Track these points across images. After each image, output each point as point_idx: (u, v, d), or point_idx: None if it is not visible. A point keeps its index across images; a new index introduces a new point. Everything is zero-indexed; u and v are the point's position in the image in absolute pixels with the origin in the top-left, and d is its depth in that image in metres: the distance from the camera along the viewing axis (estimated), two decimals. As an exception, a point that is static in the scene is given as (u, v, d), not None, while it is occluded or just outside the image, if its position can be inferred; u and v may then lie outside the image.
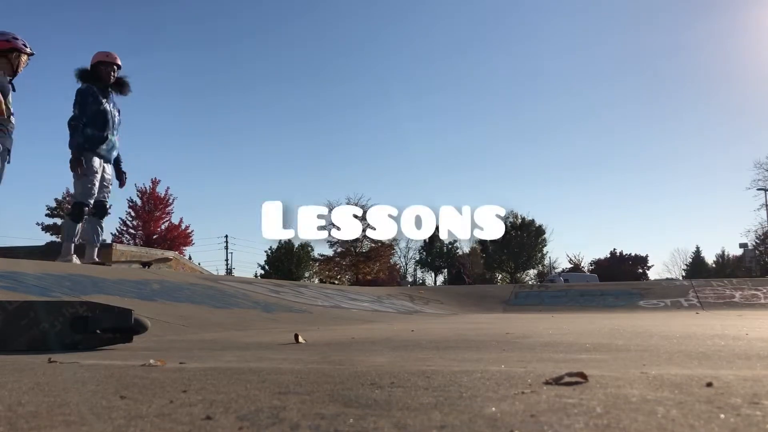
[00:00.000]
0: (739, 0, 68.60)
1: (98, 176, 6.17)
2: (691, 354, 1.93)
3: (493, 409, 0.93)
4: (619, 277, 43.41)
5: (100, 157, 6.17)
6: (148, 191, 36.95)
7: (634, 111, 71.81)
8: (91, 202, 6.16)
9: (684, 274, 57.45)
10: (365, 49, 73.58)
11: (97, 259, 6.46)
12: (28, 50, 5.54)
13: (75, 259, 6.16)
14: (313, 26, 72.39)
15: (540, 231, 51.67)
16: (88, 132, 6.05)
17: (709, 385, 1.13)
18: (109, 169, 6.35)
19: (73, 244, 6.23)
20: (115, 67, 6.28)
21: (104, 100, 6.18)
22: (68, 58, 63.99)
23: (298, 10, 71.59)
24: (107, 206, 6.47)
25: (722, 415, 0.87)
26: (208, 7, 69.39)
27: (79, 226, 6.27)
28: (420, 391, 1.11)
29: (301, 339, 2.73)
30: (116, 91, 6.37)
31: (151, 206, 36.81)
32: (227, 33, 71.00)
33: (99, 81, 6.19)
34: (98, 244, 6.57)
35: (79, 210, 6.21)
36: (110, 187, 6.46)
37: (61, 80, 58.46)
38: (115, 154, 6.37)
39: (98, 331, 2.37)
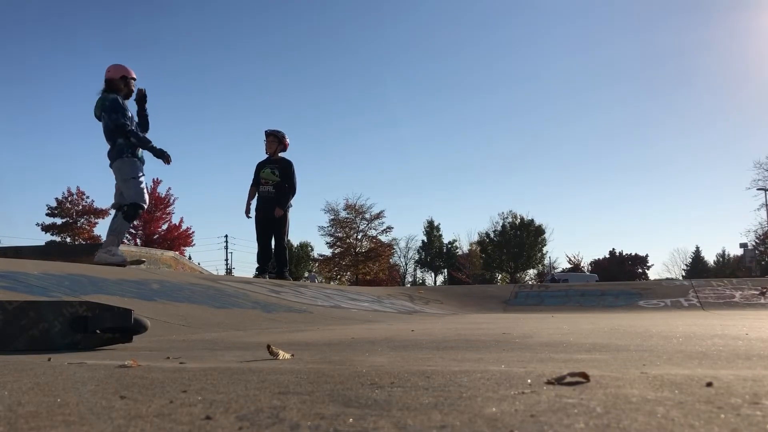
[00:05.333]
0: (739, 2, 68.64)
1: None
2: (692, 354, 1.93)
3: (493, 409, 0.93)
4: (619, 277, 43.45)
5: (142, 162, 6.68)
6: (149, 191, 36.93)
7: (634, 111, 71.83)
8: (145, 205, 6.62)
9: (684, 274, 57.50)
10: (365, 50, 73.55)
11: (142, 262, 7.09)
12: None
13: (122, 257, 6.57)
14: (313, 28, 72.38)
15: (540, 231, 51.65)
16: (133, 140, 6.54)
17: (710, 385, 1.13)
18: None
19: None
20: (134, 80, 6.81)
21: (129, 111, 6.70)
22: (67, 59, 64.01)
23: (298, 12, 71.58)
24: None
25: (722, 415, 0.87)
26: (209, 11, 69.41)
27: (128, 225, 6.73)
28: (420, 391, 1.11)
29: (282, 355, 1.92)
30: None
31: (151, 206, 36.84)
32: (227, 34, 71.03)
33: (127, 94, 6.69)
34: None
35: (134, 211, 6.60)
36: None
37: (61, 81, 58.42)
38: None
39: (98, 331, 2.37)
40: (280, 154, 9.10)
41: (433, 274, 58.07)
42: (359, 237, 45.52)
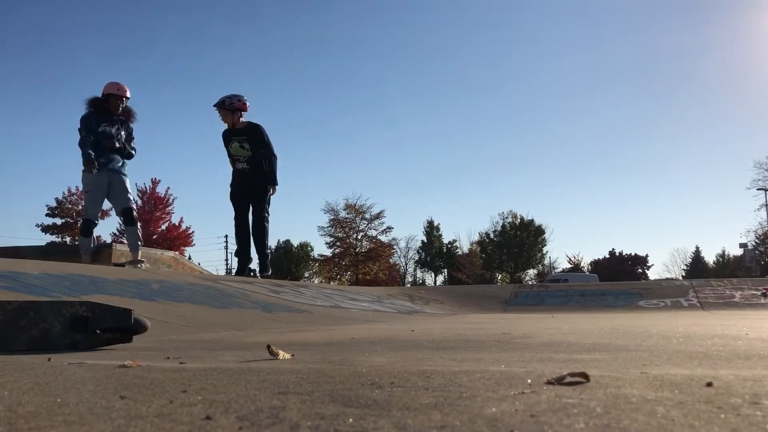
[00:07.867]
0: (739, 2, 68.70)
1: (103, 192, 6.87)
2: (691, 354, 1.93)
3: (493, 409, 0.93)
4: (619, 277, 43.40)
5: (108, 170, 6.86)
6: (149, 191, 36.95)
7: (634, 111, 71.86)
8: (97, 221, 7.01)
9: (684, 274, 57.50)
10: (365, 49, 73.61)
11: (141, 262, 7.07)
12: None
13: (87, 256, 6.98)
14: (313, 27, 72.41)
15: (540, 231, 51.65)
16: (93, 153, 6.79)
17: (709, 385, 1.13)
18: (124, 179, 7.02)
19: (89, 256, 6.96)
20: (124, 99, 7.03)
21: (104, 124, 6.88)
22: (67, 60, 64.09)
23: (298, 11, 71.62)
24: (134, 211, 7.13)
25: (722, 415, 0.87)
26: (208, 9, 69.47)
27: (91, 239, 7.04)
28: (420, 391, 1.11)
29: (282, 355, 1.92)
30: (124, 118, 7.10)
31: (151, 206, 36.81)
32: (226, 33, 71.04)
33: (108, 111, 6.93)
34: (140, 246, 7.22)
35: (86, 226, 6.99)
36: (130, 194, 7.11)
37: (61, 82, 58.47)
38: (119, 163, 7.00)
39: (98, 331, 2.38)
40: (243, 120, 8.20)
41: (433, 274, 58.05)
42: (359, 237, 45.53)
